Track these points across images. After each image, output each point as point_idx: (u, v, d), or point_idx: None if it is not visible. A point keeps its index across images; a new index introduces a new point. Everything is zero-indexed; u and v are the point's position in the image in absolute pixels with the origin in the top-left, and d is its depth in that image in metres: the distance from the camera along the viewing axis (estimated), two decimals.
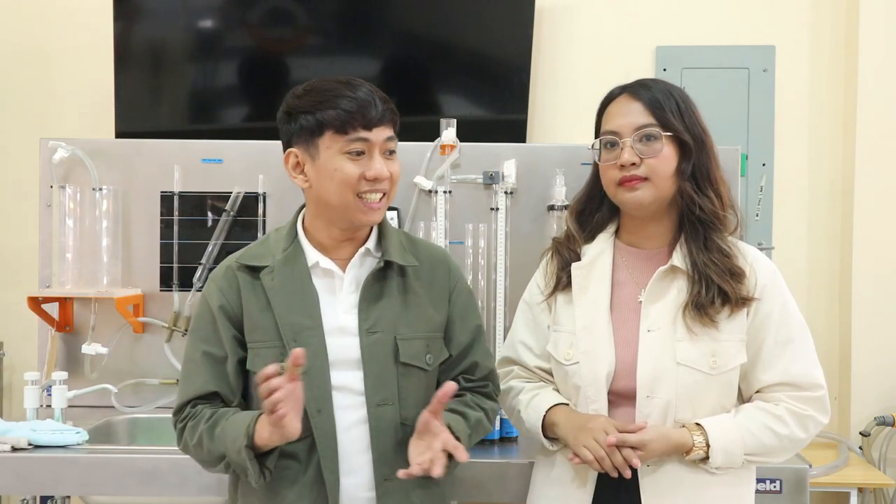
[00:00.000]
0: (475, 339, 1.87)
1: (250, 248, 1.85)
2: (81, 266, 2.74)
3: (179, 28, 3.27)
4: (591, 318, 1.85)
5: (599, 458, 1.73)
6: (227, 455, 1.70)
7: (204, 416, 1.74)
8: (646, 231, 1.88)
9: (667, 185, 1.81)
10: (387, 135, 1.74)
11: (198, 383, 1.77)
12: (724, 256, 1.80)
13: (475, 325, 1.89)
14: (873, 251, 3.28)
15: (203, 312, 1.80)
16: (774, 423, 1.79)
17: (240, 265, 1.80)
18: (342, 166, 1.71)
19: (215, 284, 1.80)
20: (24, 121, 3.39)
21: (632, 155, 1.79)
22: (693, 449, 1.76)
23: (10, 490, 2.24)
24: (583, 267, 1.89)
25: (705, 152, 1.83)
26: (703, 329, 1.78)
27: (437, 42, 3.32)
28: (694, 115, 1.84)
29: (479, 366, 1.87)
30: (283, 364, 1.59)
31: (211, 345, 1.78)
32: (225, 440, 1.69)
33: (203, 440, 1.73)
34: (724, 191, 1.84)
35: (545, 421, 1.86)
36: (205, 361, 1.77)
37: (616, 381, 1.81)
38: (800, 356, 1.82)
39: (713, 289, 1.77)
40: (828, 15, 3.38)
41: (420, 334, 1.79)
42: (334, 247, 1.79)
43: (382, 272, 1.79)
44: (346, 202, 1.73)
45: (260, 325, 1.76)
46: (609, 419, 1.78)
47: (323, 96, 1.73)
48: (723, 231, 1.82)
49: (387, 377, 1.74)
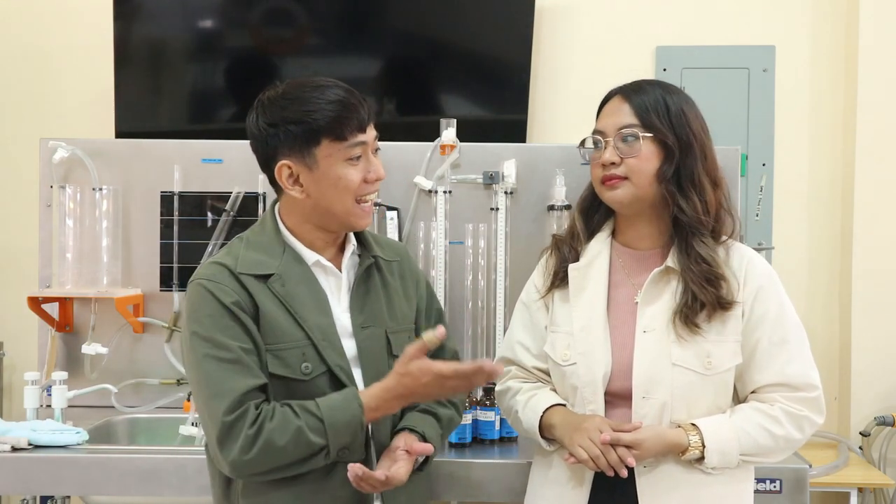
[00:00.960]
0: (439, 323, 1.86)
1: (240, 256, 1.73)
2: (81, 266, 2.74)
3: (179, 28, 3.27)
4: (588, 318, 1.86)
5: (594, 457, 1.73)
6: (327, 443, 1.63)
7: (287, 410, 1.64)
8: (638, 231, 1.89)
9: (645, 185, 1.82)
10: (374, 133, 1.76)
11: (243, 381, 1.64)
12: (703, 262, 1.79)
13: (437, 309, 1.95)
14: (873, 251, 3.28)
15: (214, 311, 1.67)
16: (770, 424, 1.79)
17: (241, 273, 1.71)
18: (346, 174, 1.71)
19: (214, 283, 1.69)
20: (24, 121, 3.38)
21: (612, 154, 1.82)
22: (688, 449, 1.76)
23: (10, 490, 2.24)
24: (580, 268, 1.89)
25: (692, 156, 1.81)
26: (690, 336, 1.79)
27: (436, 42, 3.32)
28: (684, 118, 1.83)
29: (445, 348, 1.87)
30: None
31: (237, 338, 1.67)
32: (336, 423, 1.64)
33: (288, 443, 1.62)
34: (710, 196, 1.82)
35: (542, 422, 1.87)
36: (242, 355, 1.66)
37: (612, 381, 1.82)
38: (795, 357, 1.82)
39: (696, 297, 1.78)
40: (828, 15, 3.38)
41: (403, 326, 1.84)
42: (323, 247, 1.80)
43: (367, 269, 1.81)
44: (348, 208, 1.73)
45: (278, 328, 1.70)
46: (604, 419, 1.79)
47: (309, 103, 1.68)
48: (703, 236, 1.81)
49: (383, 372, 1.74)
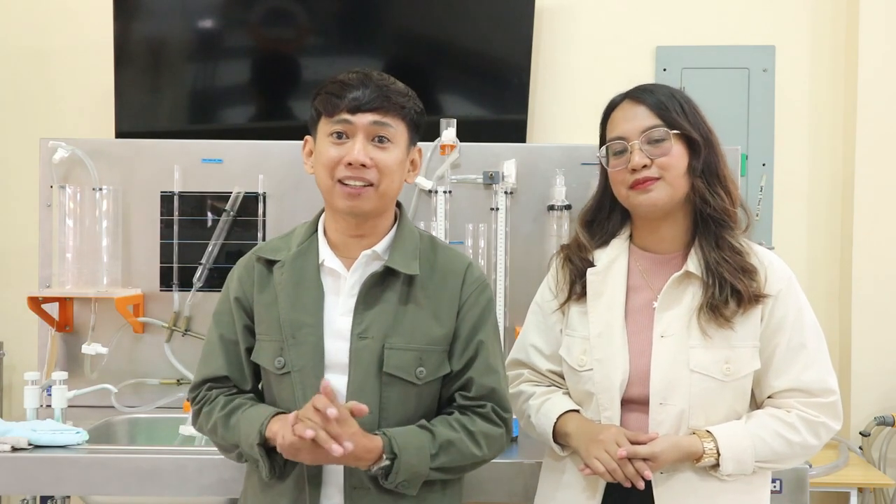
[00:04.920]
0: (476, 355, 1.76)
1: (273, 240, 1.87)
2: (81, 266, 2.74)
3: (179, 28, 3.27)
4: (606, 324, 1.83)
5: (611, 471, 1.72)
6: (240, 447, 1.73)
7: (219, 403, 1.78)
8: (659, 234, 1.86)
9: (680, 183, 1.80)
10: (372, 119, 1.69)
11: (213, 366, 1.80)
12: (736, 254, 1.79)
13: (478, 341, 1.77)
14: (873, 251, 3.28)
15: (223, 298, 1.84)
16: (786, 431, 1.77)
17: (258, 257, 1.81)
18: (325, 150, 1.71)
19: (237, 273, 1.83)
20: (24, 121, 3.38)
21: (642, 157, 1.78)
22: (703, 456, 1.74)
23: (10, 490, 2.24)
24: (598, 272, 1.86)
25: (713, 150, 1.83)
26: (718, 331, 1.76)
27: (437, 42, 3.32)
28: (698, 115, 1.83)
29: (474, 383, 1.75)
30: None
31: (227, 330, 1.81)
32: (239, 432, 1.72)
33: (218, 428, 1.76)
34: (733, 188, 1.84)
35: (556, 429, 1.85)
36: (221, 345, 1.81)
37: (630, 388, 1.79)
38: (813, 362, 1.80)
39: (727, 288, 1.76)
40: (828, 15, 3.38)
41: (413, 346, 1.72)
42: (344, 244, 1.77)
43: (383, 277, 1.74)
44: (328, 185, 1.72)
45: (265, 318, 1.77)
46: (620, 430, 1.76)
47: (326, 84, 1.74)
48: (734, 229, 1.82)
49: (368, 386, 1.70)
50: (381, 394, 1.71)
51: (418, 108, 1.77)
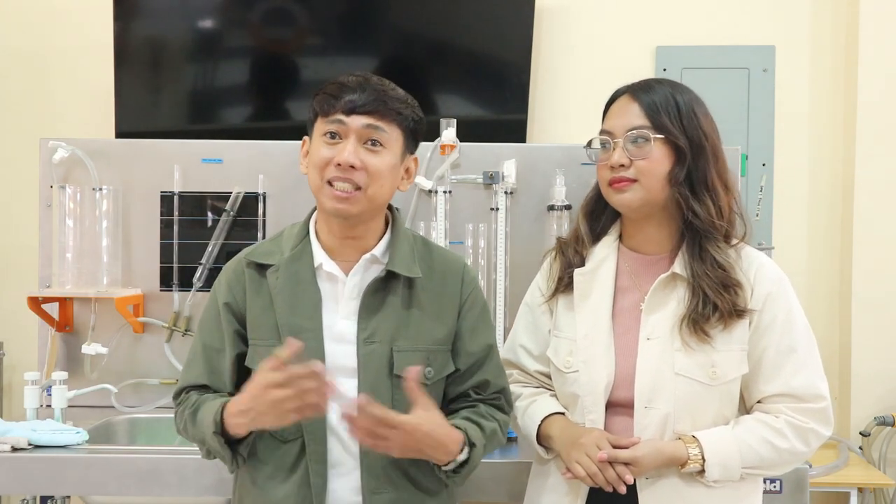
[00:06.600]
0: (487, 357, 1.81)
1: (263, 243, 1.86)
2: (81, 266, 2.73)
3: (179, 28, 3.27)
4: (592, 326, 1.81)
5: (592, 475, 1.70)
6: (205, 441, 1.72)
7: (190, 401, 1.77)
8: (645, 235, 1.83)
9: (656, 189, 1.76)
10: (366, 122, 1.69)
11: (193, 373, 1.80)
12: (718, 268, 1.75)
13: (486, 344, 1.82)
14: (873, 251, 3.28)
15: (210, 304, 1.82)
16: (774, 437, 1.74)
17: (248, 261, 1.79)
18: (318, 149, 1.72)
19: (225, 278, 1.82)
20: (24, 121, 3.39)
21: (622, 156, 1.76)
22: (688, 462, 1.71)
23: (10, 490, 2.24)
24: (585, 273, 1.85)
25: (704, 158, 1.77)
26: (698, 344, 1.74)
27: (437, 42, 3.32)
28: (696, 119, 1.78)
29: (490, 384, 1.81)
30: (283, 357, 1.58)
31: (212, 338, 1.80)
32: (202, 426, 1.71)
33: (188, 426, 1.76)
34: (723, 199, 1.78)
35: (540, 431, 1.84)
36: (204, 353, 1.80)
37: (615, 390, 1.77)
38: (802, 367, 1.76)
39: (709, 303, 1.73)
40: (828, 15, 3.38)
41: (420, 347, 1.74)
42: (338, 247, 1.77)
43: (385, 281, 1.74)
44: (318, 185, 1.72)
45: (261, 323, 1.75)
46: (603, 433, 1.74)
47: (326, 85, 1.74)
48: (717, 241, 1.77)
49: (380, 388, 1.71)
50: (392, 395, 1.72)
51: (417, 116, 1.76)
